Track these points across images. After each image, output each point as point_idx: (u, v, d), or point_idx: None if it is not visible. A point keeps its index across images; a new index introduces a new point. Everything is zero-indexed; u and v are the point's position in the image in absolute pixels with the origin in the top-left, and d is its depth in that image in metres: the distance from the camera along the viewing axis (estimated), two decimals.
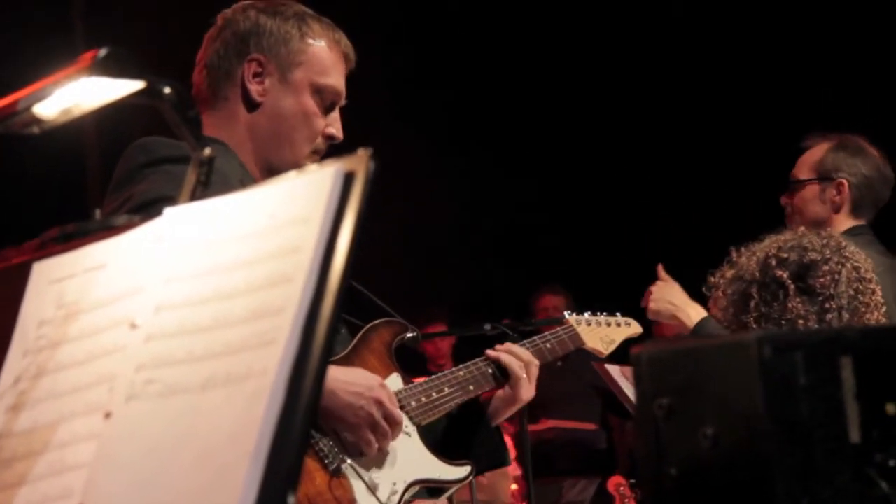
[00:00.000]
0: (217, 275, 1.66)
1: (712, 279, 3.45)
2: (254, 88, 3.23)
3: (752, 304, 3.21)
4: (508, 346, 3.62)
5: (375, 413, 3.18)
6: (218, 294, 1.64)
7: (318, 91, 3.25)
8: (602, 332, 4.17)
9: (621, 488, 6.64)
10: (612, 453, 9.25)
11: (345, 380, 3.19)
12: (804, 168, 4.90)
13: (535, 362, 3.61)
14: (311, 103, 3.24)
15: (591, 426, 9.10)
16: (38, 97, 1.84)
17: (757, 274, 3.22)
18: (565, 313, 4.19)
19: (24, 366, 1.80)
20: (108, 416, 1.65)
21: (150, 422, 1.61)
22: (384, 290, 3.44)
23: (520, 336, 5.99)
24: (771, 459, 1.66)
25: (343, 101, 3.32)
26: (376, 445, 3.22)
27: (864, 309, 3.20)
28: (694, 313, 4.31)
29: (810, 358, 1.67)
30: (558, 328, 3.99)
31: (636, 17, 9.89)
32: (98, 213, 1.90)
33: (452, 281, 9.72)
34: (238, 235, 1.67)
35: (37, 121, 1.88)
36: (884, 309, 3.27)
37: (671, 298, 4.42)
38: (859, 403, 1.68)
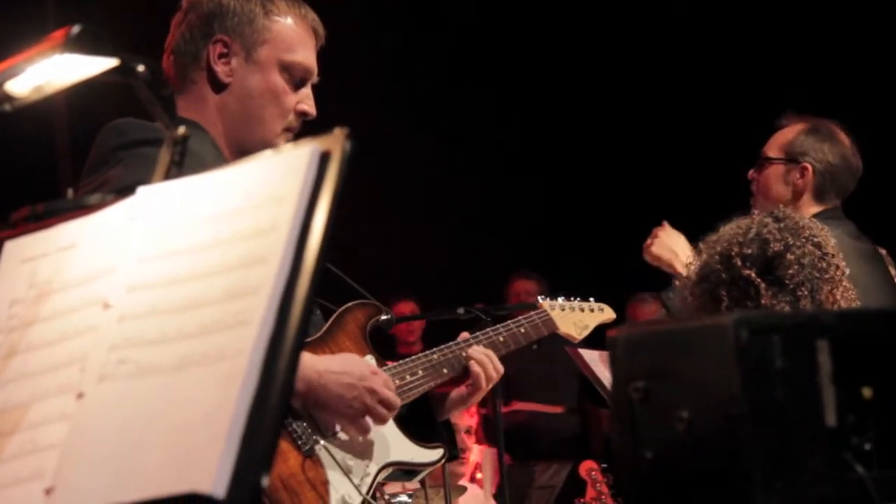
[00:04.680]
0: (191, 254, 1.65)
1: (678, 283, 3.43)
2: (220, 69, 3.20)
3: (724, 305, 3.19)
4: (487, 353, 3.59)
5: (369, 401, 3.17)
6: (192, 274, 1.63)
7: (286, 68, 3.21)
8: (575, 317, 4.17)
9: (593, 473, 6.64)
10: (585, 438, 9.26)
11: (336, 370, 3.18)
12: (774, 146, 4.87)
13: (500, 372, 3.60)
14: (279, 81, 3.21)
15: (558, 409, 9.11)
16: (10, 74, 1.82)
17: (723, 275, 3.20)
18: (539, 297, 4.17)
19: None
20: (80, 396, 1.64)
21: (123, 402, 1.60)
22: (354, 268, 3.42)
23: (493, 320, 5.99)
24: (746, 443, 1.66)
25: (315, 78, 3.28)
26: (372, 431, 3.22)
27: (828, 287, 3.18)
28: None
29: (787, 341, 1.67)
30: (532, 313, 3.98)
31: (610, 6, 9.90)
32: (70, 193, 1.88)
33: (422, 259, 9.70)
34: (212, 215, 1.66)
35: (9, 98, 1.85)
36: (846, 273, 3.25)
37: (674, 246, 4.40)
38: (835, 387, 1.67)
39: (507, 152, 10.18)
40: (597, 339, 4.19)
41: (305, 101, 3.24)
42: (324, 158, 1.58)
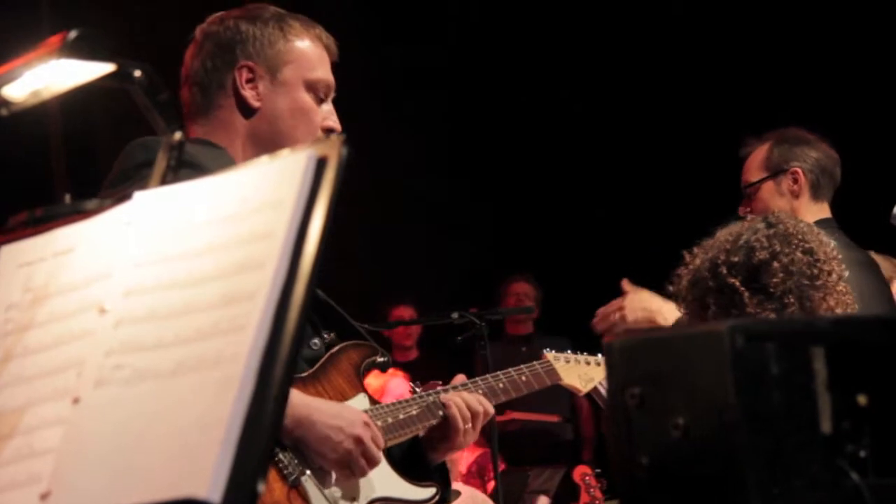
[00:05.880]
0: (187, 259, 1.65)
1: (672, 288, 3.42)
2: (249, 94, 3.23)
3: (710, 312, 3.20)
4: (462, 395, 3.54)
5: (354, 450, 3.15)
6: (188, 279, 1.63)
7: (311, 86, 3.26)
8: (580, 370, 4.16)
9: (587, 477, 6.66)
10: (578, 443, 9.29)
11: (328, 411, 3.17)
12: (753, 170, 4.91)
13: (488, 411, 3.55)
14: (307, 99, 3.25)
15: (554, 418, 9.14)
16: (7, 79, 1.82)
17: (710, 282, 3.20)
18: (544, 350, 4.17)
19: None
20: (76, 401, 1.64)
21: (119, 407, 1.60)
22: (353, 273, 3.42)
23: (487, 325, 6.00)
24: (742, 450, 1.66)
25: (333, 94, 3.33)
26: (351, 479, 3.20)
27: (820, 294, 3.18)
28: (671, 314, 4.28)
29: (782, 348, 1.67)
30: (535, 363, 3.96)
31: (608, 15, 9.92)
32: (68, 198, 1.89)
33: (421, 263, 9.71)
34: (209, 220, 1.66)
35: (5, 103, 1.86)
36: (844, 277, 3.24)
37: (645, 305, 4.38)
38: (831, 394, 1.68)
39: (507, 156, 10.18)
40: (594, 346, 4.20)
41: (330, 117, 3.29)
42: (320, 164, 1.58)
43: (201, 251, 1.64)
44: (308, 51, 3.28)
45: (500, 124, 10.16)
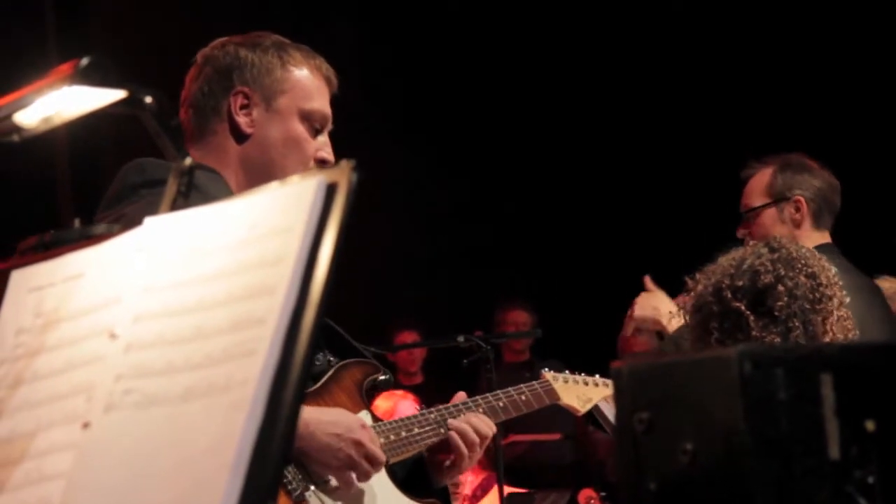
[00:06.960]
0: (197, 285, 1.65)
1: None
2: (242, 121, 3.24)
3: (714, 338, 3.21)
4: (469, 419, 3.56)
5: (355, 454, 3.17)
6: (198, 304, 1.63)
7: (306, 116, 3.27)
8: (579, 391, 4.19)
9: (592, 501, 6.65)
10: (584, 465, 9.27)
11: (324, 420, 3.19)
12: (755, 195, 4.92)
13: (491, 433, 3.58)
14: (300, 129, 3.26)
15: (556, 436, 9.13)
16: (19, 105, 1.83)
17: (714, 307, 3.21)
18: (543, 370, 4.19)
19: (2, 375, 1.78)
20: (86, 426, 1.65)
21: (129, 432, 1.61)
22: (357, 298, 3.43)
23: (492, 348, 6.01)
24: (750, 476, 1.66)
25: (330, 126, 3.33)
26: (357, 484, 3.21)
27: (821, 318, 3.19)
28: (676, 324, 4.30)
29: (791, 374, 1.67)
30: (534, 382, 4.00)
31: (600, 23, 9.95)
32: (77, 223, 1.89)
33: (424, 289, 9.72)
34: (219, 245, 1.66)
35: (17, 129, 1.87)
36: (845, 303, 3.26)
37: (656, 304, 4.44)
38: (839, 420, 1.68)
39: (509, 176, 10.21)
40: (591, 369, 4.21)
41: (324, 148, 3.30)
42: (330, 190, 1.59)
43: (211, 277, 1.64)
44: (305, 81, 3.29)
45: (503, 141, 10.18)
